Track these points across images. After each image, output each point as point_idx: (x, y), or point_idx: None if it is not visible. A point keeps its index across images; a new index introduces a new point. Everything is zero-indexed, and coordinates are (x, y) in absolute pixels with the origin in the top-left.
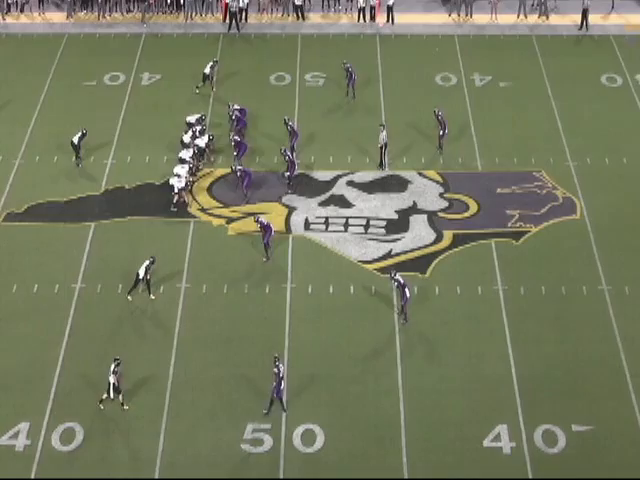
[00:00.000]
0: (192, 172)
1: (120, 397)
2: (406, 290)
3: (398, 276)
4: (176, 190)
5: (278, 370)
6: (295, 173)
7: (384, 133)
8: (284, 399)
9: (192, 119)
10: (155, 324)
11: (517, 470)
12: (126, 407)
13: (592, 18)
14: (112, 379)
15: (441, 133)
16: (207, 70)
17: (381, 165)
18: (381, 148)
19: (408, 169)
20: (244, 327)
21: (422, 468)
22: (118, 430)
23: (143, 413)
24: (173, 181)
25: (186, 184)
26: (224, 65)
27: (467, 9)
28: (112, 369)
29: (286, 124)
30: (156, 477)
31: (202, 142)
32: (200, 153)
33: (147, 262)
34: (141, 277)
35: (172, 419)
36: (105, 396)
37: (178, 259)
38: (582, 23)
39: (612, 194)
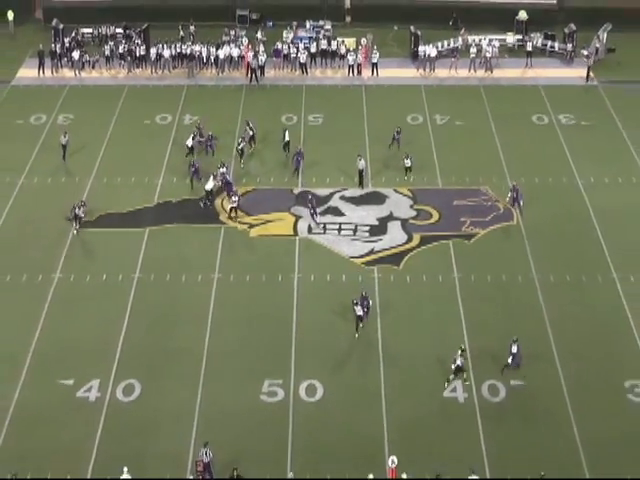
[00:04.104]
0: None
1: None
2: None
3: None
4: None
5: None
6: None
7: (362, 162)
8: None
9: (189, 142)
10: (194, 306)
11: (469, 415)
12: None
13: (525, 73)
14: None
15: (515, 197)
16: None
17: (360, 185)
18: (360, 172)
19: (386, 187)
20: (262, 307)
21: (398, 415)
22: (167, 386)
23: (186, 374)
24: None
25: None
26: (247, 109)
27: (431, 66)
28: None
29: (248, 125)
30: (194, 425)
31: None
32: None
33: None
34: None
35: (207, 379)
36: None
37: (211, 256)
38: (587, 76)
39: (540, 205)
